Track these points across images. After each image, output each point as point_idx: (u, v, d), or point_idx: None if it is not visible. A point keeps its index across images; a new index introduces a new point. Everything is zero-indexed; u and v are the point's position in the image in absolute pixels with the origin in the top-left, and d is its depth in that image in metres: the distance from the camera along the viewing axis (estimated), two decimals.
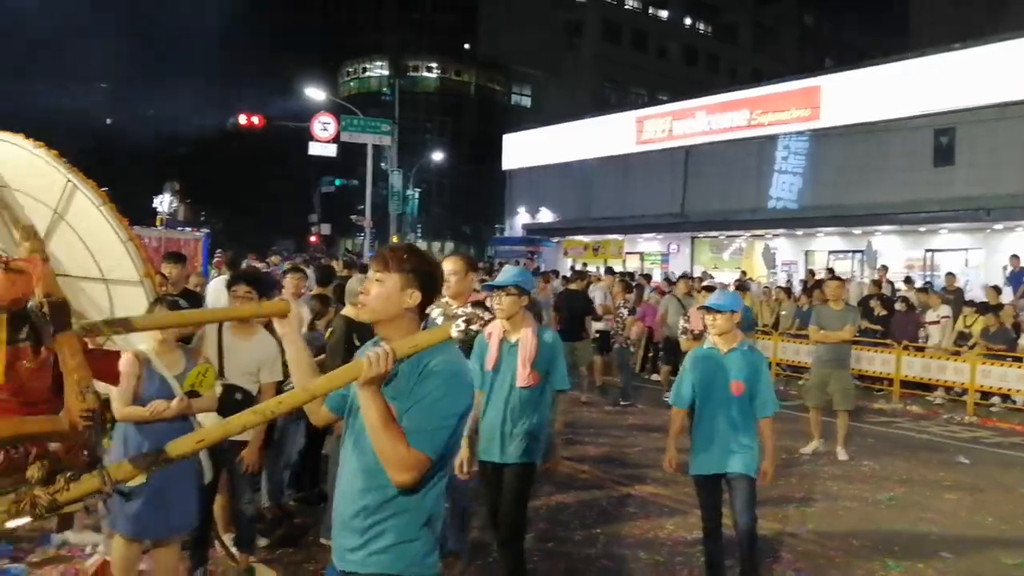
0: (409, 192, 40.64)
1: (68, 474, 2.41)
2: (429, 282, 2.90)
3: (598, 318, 13.65)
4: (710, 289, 8.33)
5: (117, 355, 3.02)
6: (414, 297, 2.85)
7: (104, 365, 2.84)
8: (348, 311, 6.16)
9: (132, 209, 5.12)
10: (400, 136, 35.65)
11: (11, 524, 2.43)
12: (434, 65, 69.61)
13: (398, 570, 2.74)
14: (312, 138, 31.41)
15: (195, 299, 5.56)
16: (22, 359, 2.69)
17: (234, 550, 5.86)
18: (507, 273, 5.29)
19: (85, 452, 2.57)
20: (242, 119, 31.19)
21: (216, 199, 44.80)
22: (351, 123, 31.03)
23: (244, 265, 14.79)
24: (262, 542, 6.06)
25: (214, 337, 5.56)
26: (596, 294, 14.78)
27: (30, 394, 2.61)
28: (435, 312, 5.29)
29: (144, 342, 4.78)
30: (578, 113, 41.34)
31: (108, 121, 41.21)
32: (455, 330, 5.33)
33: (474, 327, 5.36)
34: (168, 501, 4.72)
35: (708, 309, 5.44)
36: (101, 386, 5.28)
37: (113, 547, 4.88)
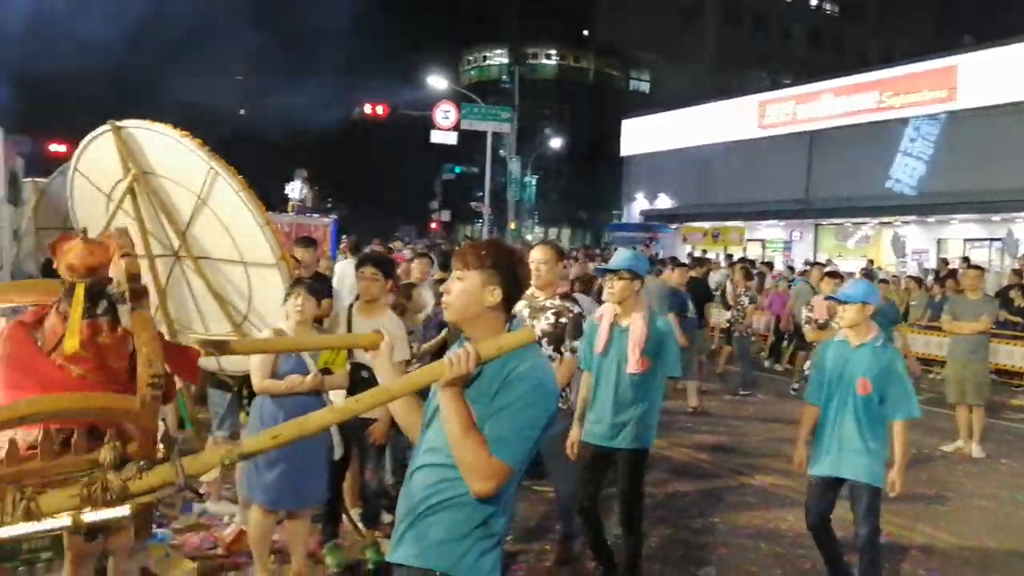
0: (527, 179, 40.84)
1: (141, 462, 2.36)
2: (512, 279, 2.75)
3: (728, 307, 13.41)
4: (833, 275, 7.96)
5: (195, 351, 3.00)
6: (496, 295, 2.70)
7: (182, 359, 2.83)
8: None
9: (264, 196, 5.35)
10: (519, 123, 35.83)
11: (88, 518, 2.40)
12: (553, 52, 69.60)
13: (443, 567, 2.61)
14: (434, 126, 31.95)
15: (325, 282, 5.78)
16: (100, 333, 2.68)
17: (360, 525, 6.08)
18: (620, 257, 5.25)
19: (160, 445, 2.54)
20: (367, 109, 32.00)
21: (342, 187, 46.14)
22: (471, 111, 31.43)
23: (368, 250, 15.18)
24: (387, 518, 6.26)
25: (344, 318, 5.77)
26: (716, 281, 14.56)
27: (109, 372, 2.61)
28: (520, 304, 4.91)
29: (283, 321, 5.02)
30: (698, 98, 40.64)
31: (241, 112, 42.95)
32: (544, 323, 5.34)
33: (564, 320, 5.35)
34: (301, 474, 4.96)
35: (837, 300, 5.18)
36: (231, 364, 5.56)
37: (250, 517, 5.15)
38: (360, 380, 5.24)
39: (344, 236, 17.95)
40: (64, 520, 2.31)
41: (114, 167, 5.57)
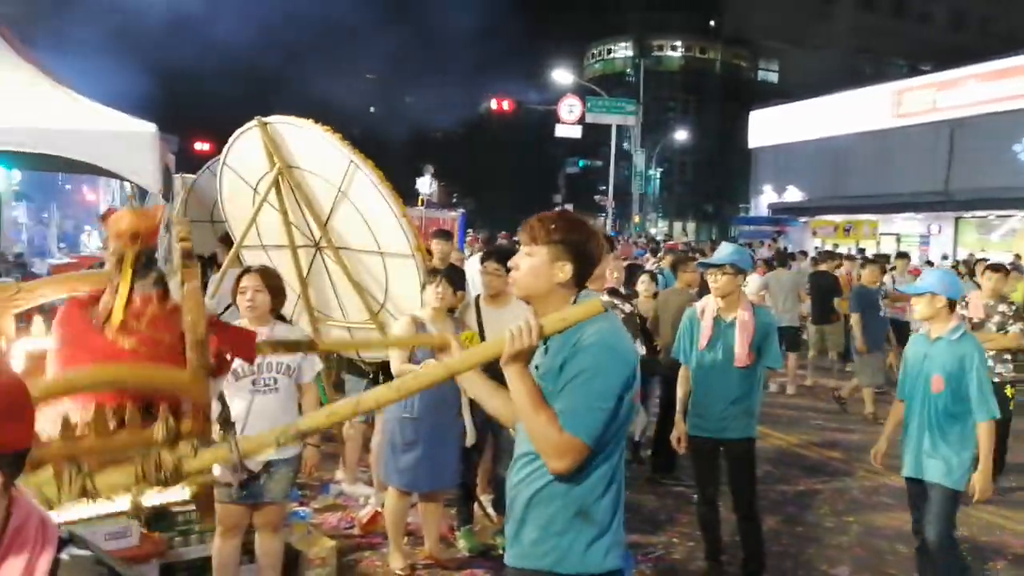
0: (651, 172, 40.47)
1: (195, 441, 2.31)
2: (582, 254, 2.58)
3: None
4: (996, 269, 7.47)
5: (252, 332, 3.02)
6: (566, 271, 2.56)
7: (238, 338, 2.84)
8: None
9: (394, 191, 5.54)
10: (643, 116, 35.54)
11: (148, 501, 2.33)
12: (678, 44, 68.59)
13: (547, 565, 2.51)
14: (558, 120, 32.04)
15: (458, 273, 5.90)
16: (151, 303, 2.67)
17: (492, 511, 6.20)
18: (723, 251, 5.24)
19: (217, 427, 2.52)
20: (494, 104, 32.38)
21: (467, 181, 46.85)
22: (596, 104, 31.38)
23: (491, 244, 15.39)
24: None
25: (474, 308, 5.89)
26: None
27: (161, 346, 2.56)
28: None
29: (420, 309, 5.18)
30: (830, 87, 39.29)
31: (372, 110, 44.19)
32: None
33: None
34: (436, 459, 5.11)
35: (911, 293, 4.99)
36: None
37: (386, 499, 5.33)
38: (491, 365, 5.32)
39: (470, 229, 18.24)
40: (123, 504, 2.25)
41: (260, 161, 5.84)
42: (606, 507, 2.52)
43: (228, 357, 2.62)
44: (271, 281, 4.43)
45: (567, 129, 32.42)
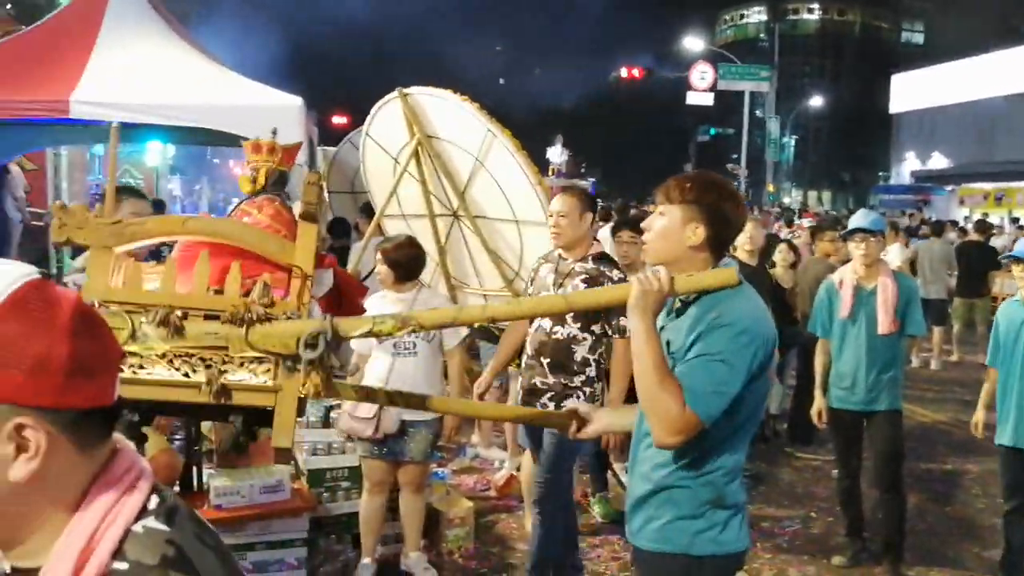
0: (785, 139, 39.25)
1: (288, 313, 2.24)
2: (718, 216, 2.43)
3: None
4: None
5: (364, 288, 3.19)
6: (699, 233, 2.41)
7: (355, 289, 2.98)
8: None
9: None
10: (777, 81, 34.42)
11: (228, 378, 2.24)
12: (815, 6, 65.96)
13: (679, 548, 2.44)
14: (690, 88, 31.44)
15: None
16: (274, 203, 2.97)
17: (624, 478, 6.21)
18: (865, 217, 5.08)
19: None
20: (623, 73, 32.04)
21: (597, 151, 46.64)
22: (729, 71, 30.58)
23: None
24: None
25: None
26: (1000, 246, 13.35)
27: (275, 232, 2.79)
28: (544, 269, 4.35)
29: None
30: (981, 47, 37.03)
31: (501, 81, 44.47)
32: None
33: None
34: None
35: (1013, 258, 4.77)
36: None
37: (522, 462, 5.41)
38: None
39: (599, 202, 18.19)
40: (200, 378, 2.19)
41: (400, 132, 5.98)
42: (737, 488, 2.48)
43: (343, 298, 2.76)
44: (413, 249, 4.55)
45: (699, 96, 31.75)
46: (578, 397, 4.12)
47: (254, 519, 4.34)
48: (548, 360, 4.18)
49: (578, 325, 4.14)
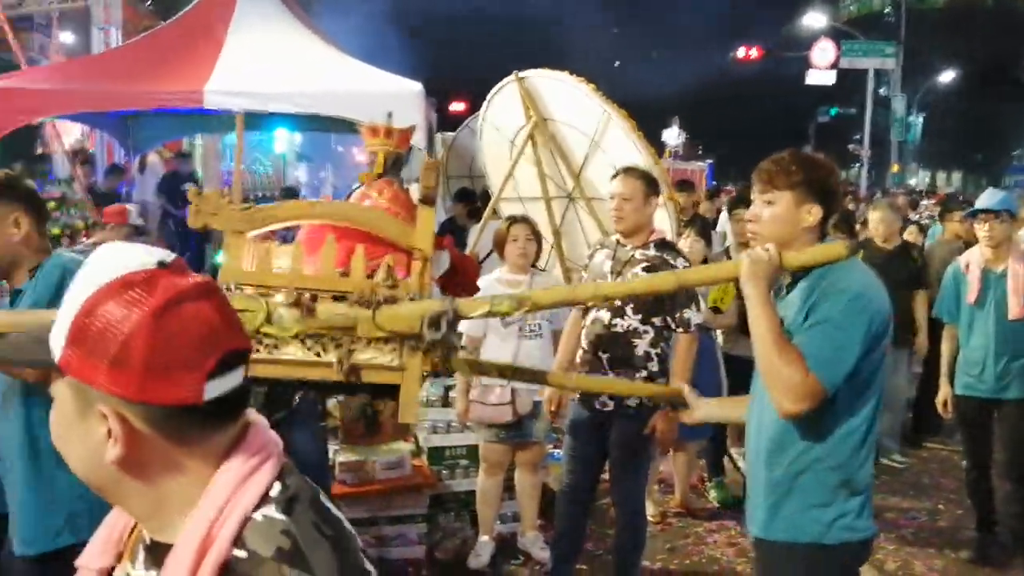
0: (912, 118, 37.61)
1: (411, 294, 2.32)
2: (827, 192, 2.46)
3: None
4: None
5: (477, 266, 3.22)
6: (814, 212, 2.42)
7: (470, 267, 3.00)
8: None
9: None
10: (904, 58, 32.96)
11: (358, 357, 2.30)
12: None
13: (812, 538, 2.41)
14: (810, 66, 30.48)
15: (704, 223, 5.89)
16: (393, 186, 2.99)
17: (742, 464, 6.13)
18: (992, 196, 4.82)
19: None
20: (740, 52, 31.33)
21: (713, 132, 45.81)
22: (852, 48, 29.47)
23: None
24: None
25: (724, 259, 5.82)
26: None
27: (395, 215, 2.81)
28: (600, 255, 4.13)
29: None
30: None
31: (616, 64, 44.13)
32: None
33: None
34: None
35: None
36: None
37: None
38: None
39: (714, 182, 17.91)
40: (331, 358, 2.27)
41: (517, 115, 6.03)
42: (867, 473, 2.44)
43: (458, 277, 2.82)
44: (534, 231, 4.60)
45: (819, 75, 30.71)
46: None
47: (376, 495, 4.49)
48: (608, 355, 3.92)
49: (638, 317, 3.88)
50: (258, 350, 2.18)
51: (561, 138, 5.98)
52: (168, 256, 1.06)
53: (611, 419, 3.96)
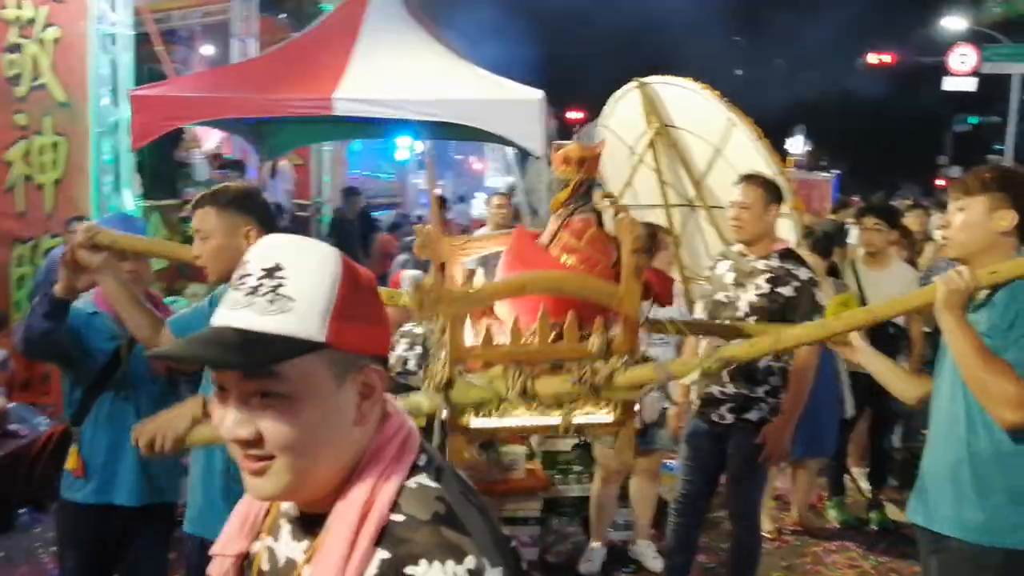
0: None
1: (624, 357, 2.46)
2: (1023, 198, 2.47)
3: None
4: None
5: (671, 279, 3.15)
6: (1008, 218, 2.45)
7: (661, 282, 2.94)
8: None
9: None
10: None
11: (577, 420, 2.55)
12: None
13: (997, 542, 2.41)
14: (947, 72, 29.17)
15: (828, 236, 5.75)
16: (590, 227, 2.86)
17: (864, 484, 5.93)
18: None
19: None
20: (872, 59, 30.27)
21: (842, 142, 44.37)
22: (995, 52, 28.05)
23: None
24: (891, 482, 6.02)
25: (850, 269, 5.66)
26: None
27: (597, 267, 2.76)
28: (722, 266, 4.06)
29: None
30: None
31: (738, 72, 43.37)
32: (753, 292, 3.90)
33: (783, 290, 3.81)
34: (811, 425, 4.95)
35: None
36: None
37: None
38: (884, 335, 5.03)
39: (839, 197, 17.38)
40: (555, 419, 2.50)
41: (637, 121, 5.99)
42: None
43: (652, 290, 2.81)
44: (650, 240, 4.57)
45: (958, 81, 29.31)
46: (761, 408, 3.86)
47: (490, 494, 4.55)
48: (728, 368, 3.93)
49: None
50: (489, 413, 2.49)
51: (683, 145, 5.90)
52: None
53: (729, 432, 3.91)
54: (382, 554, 1.05)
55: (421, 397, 2.49)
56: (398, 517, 1.07)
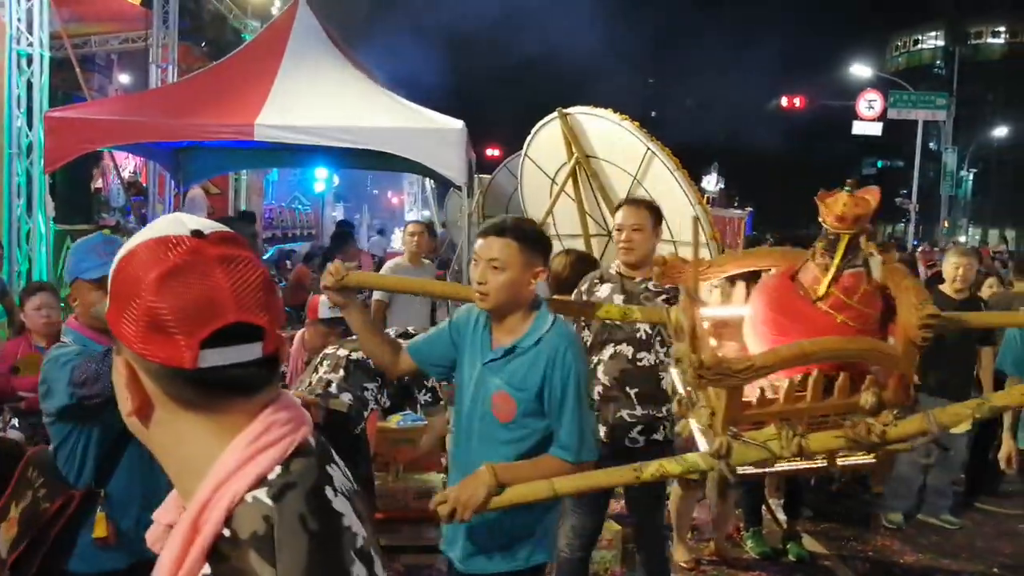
0: (963, 173, 37.13)
1: (895, 411, 2.50)
2: None
3: None
4: None
5: None
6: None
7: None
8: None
9: None
10: (955, 110, 32.65)
11: (841, 462, 2.65)
12: (1001, 29, 62.12)
13: None
14: (856, 117, 30.33)
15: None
16: (861, 282, 2.70)
17: (780, 515, 5.98)
18: None
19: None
20: (783, 101, 31.30)
21: (753, 181, 45.66)
22: (901, 99, 29.25)
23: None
24: (807, 512, 6.08)
25: None
26: None
27: (866, 321, 2.67)
28: (605, 288, 3.97)
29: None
30: None
31: (653, 114, 44.45)
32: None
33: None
34: None
35: None
36: None
37: (671, 492, 5.26)
38: None
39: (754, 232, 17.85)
40: (820, 462, 2.59)
41: (558, 152, 6.06)
42: None
43: None
44: (583, 265, 4.58)
45: (865, 126, 30.55)
46: (663, 427, 3.87)
47: (406, 522, 4.45)
48: (636, 390, 3.84)
49: (664, 350, 3.79)
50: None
51: (603, 175, 5.99)
52: (210, 227, 1.07)
53: (636, 455, 3.86)
54: (207, 569, 0.99)
55: (699, 459, 2.53)
56: (226, 532, 1.00)
